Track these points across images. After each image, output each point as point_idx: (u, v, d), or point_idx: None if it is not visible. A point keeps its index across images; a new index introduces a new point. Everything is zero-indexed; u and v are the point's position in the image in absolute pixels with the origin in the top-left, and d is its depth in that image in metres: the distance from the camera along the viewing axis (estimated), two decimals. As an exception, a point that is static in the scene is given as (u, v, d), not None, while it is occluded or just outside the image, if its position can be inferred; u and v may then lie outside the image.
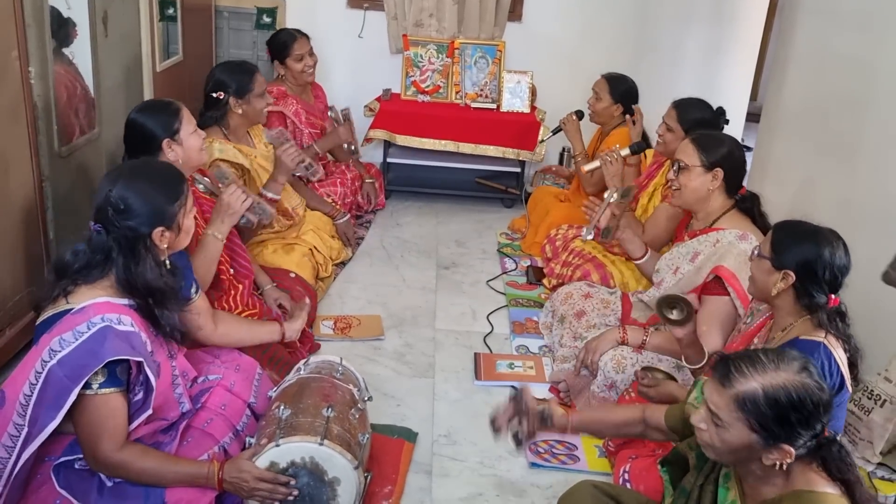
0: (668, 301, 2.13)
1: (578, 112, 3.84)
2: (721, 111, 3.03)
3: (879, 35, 2.81)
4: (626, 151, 3.29)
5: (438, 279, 3.60)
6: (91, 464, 1.75)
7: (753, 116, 4.64)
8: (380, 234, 4.06)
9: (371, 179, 4.26)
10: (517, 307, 3.36)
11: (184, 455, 1.86)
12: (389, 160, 4.56)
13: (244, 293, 2.63)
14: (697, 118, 2.95)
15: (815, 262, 1.84)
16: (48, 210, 2.64)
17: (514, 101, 4.58)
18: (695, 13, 4.22)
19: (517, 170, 4.59)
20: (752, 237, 2.40)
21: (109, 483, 1.78)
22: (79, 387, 1.64)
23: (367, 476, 2.00)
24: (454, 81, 4.66)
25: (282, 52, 3.84)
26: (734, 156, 2.50)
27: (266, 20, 4.76)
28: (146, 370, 1.73)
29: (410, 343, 3.03)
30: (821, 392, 1.41)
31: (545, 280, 3.50)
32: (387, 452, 2.31)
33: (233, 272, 2.61)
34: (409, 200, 4.56)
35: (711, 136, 2.56)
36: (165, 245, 1.85)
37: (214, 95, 3.00)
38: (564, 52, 4.81)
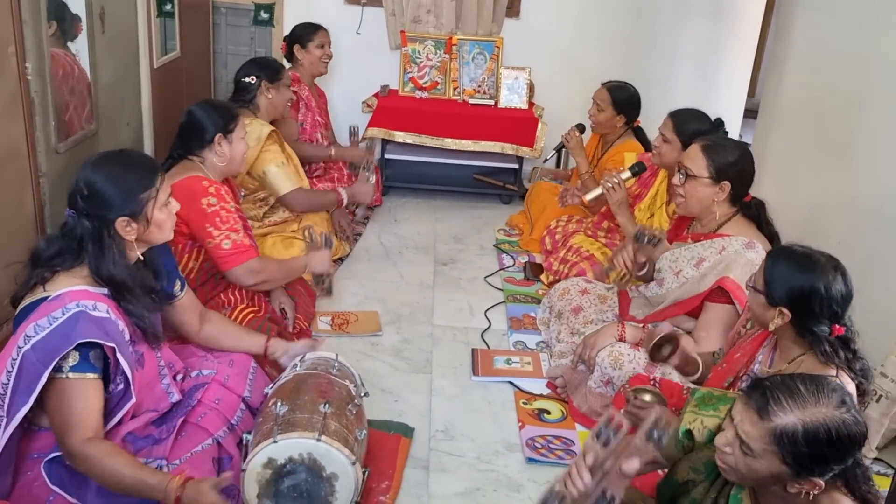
0: (656, 345, 2.15)
1: (580, 126, 3.76)
2: (720, 122, 2.89)
3: (876, 31, 2.81)
4: (627, 174, 3.13)
5: (436, 275, 3.61)
6: (65, 456, 1.70)
7: (751, 113, 4.65)
8: (377, 231, 4.06)
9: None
10: (515, 303, 3.36)
11: (178, 448, 1.86)
12: (387, 156, 4.56)
13: (253, 290, 2.65)
14: (694, 129, 2.82)
15: (811, 298, 1.75)
16: (45, 206, 2.64)
17: (512, 98, 4.58)
18: (692, 9, 4.22)
19: (515, 166, 4.59)
20: (759, 245, 2.38)
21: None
22: (49, 369, 1.63)
23: (365, 471, 2.01)
24: (452, 78, 4.65)
25: (304, 37, 3.92)
26: (744, 168, 2.42)
27: (263, 16, 4.76)
28: (119, 358, 1.71)
29: (408, 339, 3.03)
30: (857, 426, 1.36)
31: (543, 276, 3.51)
32: (384, 448, 2.32)
33: None
34: (407, 197, 4.56)
35: (723, 147, 2.44)
36: (133, 237, 1.82)
37: (247, 80, 3.21)
38: (562, 48, 4.81)
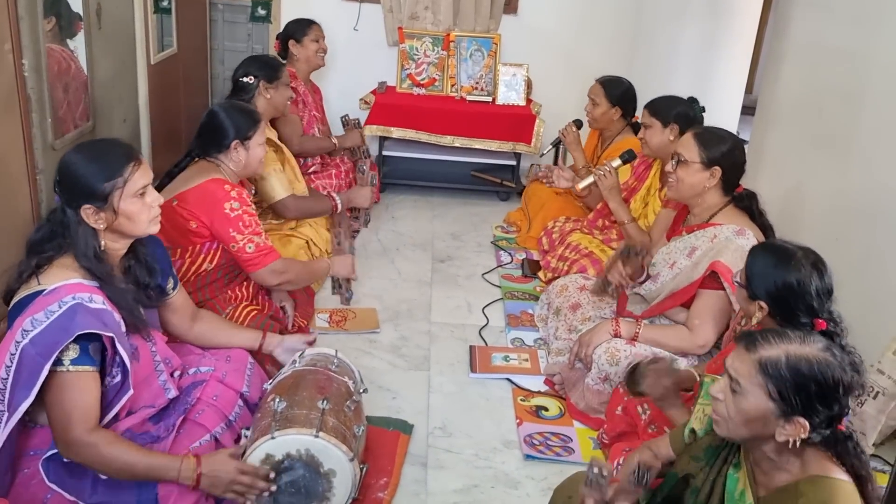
0: (634, 375, 2.10)
1: (577, 122, 3.78)
2: (693, 99, 3.05)
3: (873, 28, 2.82)
4: (618, 162, 3.17)
5: (434, 272, 3.61)
6: (62, 450, 1.70)
7: (749, 109, 4.65)
8: (375, 228, 4.06)
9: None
10: (512, 300, 3.36)
11: (176, 444, 1.86)
12: (385, 153, 4.55)
13: (255, 286, 2.68)
14: (668, 106, 3.03)
15: (787, 294, 1.80)
16: (42, 203, 2.63)
17: (510, 94, 4.58)
18: (690, 6, 4.21)
19: (512, 163, 4.59)
20: (750, 233, 2.39)
21: (104, 476, 1.76)
22: (50, 362, 1.62)
23: (363, 468, 2.01)
24: (450, 74, 4.65)
25: (299, 32, 3.89)
26: (734, 156, 2.47)
27: (261, 13, 4.75)
28: (118, 348, 1.71)
29: (406, 336, 3.03)
30: (843, 372, 1.41)
31: (541, 273, 3.51)
32: (382, 445, 2.32)
33: None
34: (405, 193, 4.56)
35: (714, 134, 2.51)
36: (101, 226, 1.79)
37: (245, 80, 3.14)
38: (560, 45, 4.81)
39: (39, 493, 1.75)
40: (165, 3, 3.77)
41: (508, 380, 2.76)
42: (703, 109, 3.05)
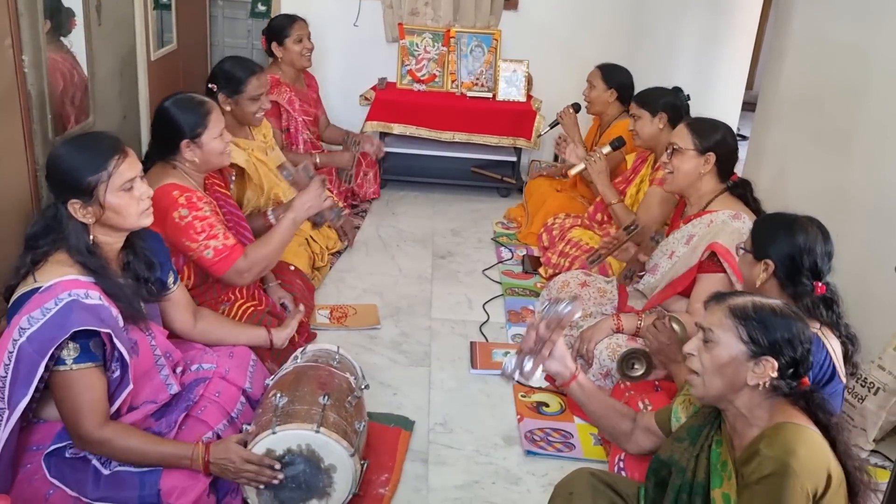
0: (627, 359, 2.25)
1: (575, 105, 3.82)
2: (678, 89, 3.24)
3: (875, 23, 2.81)
4: (608, 148, 3.35)
5: (434, 268, 3.61)
6: (77, 443, 1.75)
7: (749, 105, 4.65)
8: (376, 224, 4.06)
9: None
10: (513, 296, 3.36)
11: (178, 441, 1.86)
12: (385, 149, 4.54)
13: (251, 284, 2.63)
14: (655, 96, 3.20)
15: (793, 249, 1.91)
16: (42, 199, 2.63)
17: (510, 90, 4.57)
18: (691, 1, 4.21)
19: (513, 159, 4.59)
20: (746, 217, 2.43)
21: (106, 472, 1.78)
22: (45, 359, 1.63)
23: (364, 464, 2.01)
24: (450, 70, 4.64)
25: (281, 33, 3.80)
26: (727, 142, 2.55)
27: (261, 9, 4.74)
28: (116, 343, 1.72)
29: (406, 332, 3.03)
30: (804, 326, 1.55)
31: (542, 269, 3.51)
32: (383, 441, 2.32)
33: None
34: (405, 190, 4.56)
35: (706, 122, 2.60)
36: (90, 220, 1.78)
37: (209, 86, 2.99)
38: (560, 41, 4.80)
39: (42, 489, 1.75)
40: (165, 0, 3.76)
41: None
42: (689, 98, 3.22)
